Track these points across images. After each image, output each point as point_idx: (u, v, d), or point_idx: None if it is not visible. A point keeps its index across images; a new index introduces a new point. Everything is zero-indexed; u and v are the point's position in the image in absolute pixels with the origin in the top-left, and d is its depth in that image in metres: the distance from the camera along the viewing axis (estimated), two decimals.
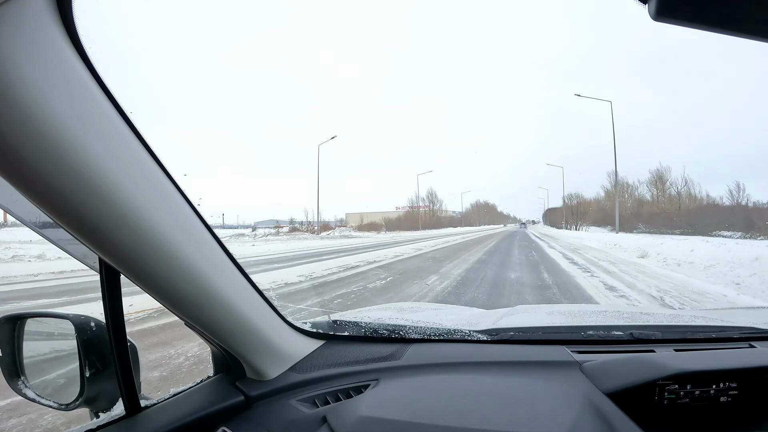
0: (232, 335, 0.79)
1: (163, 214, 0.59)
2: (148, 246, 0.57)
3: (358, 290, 6.72)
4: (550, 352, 1.00)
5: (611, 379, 0.85)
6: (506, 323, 1.21)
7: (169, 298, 0.66)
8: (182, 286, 0.65)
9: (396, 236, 38.27)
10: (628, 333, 1.08)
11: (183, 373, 2.97)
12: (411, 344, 1.05)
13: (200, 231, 0.66)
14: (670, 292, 6.68)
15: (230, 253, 0.73)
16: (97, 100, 0.49)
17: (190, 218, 0.64)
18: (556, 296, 6.29)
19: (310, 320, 1.10)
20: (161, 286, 0.64)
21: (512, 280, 7.83)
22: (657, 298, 6.26)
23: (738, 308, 2.90)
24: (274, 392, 0.87)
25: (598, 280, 8.06)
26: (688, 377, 0.83)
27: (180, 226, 0.62)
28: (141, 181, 0.55)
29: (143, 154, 0.56)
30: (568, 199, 56.37)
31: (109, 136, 0.51)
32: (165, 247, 0.59)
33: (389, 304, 2.89)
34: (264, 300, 0.85)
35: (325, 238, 32.85)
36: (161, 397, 0.81)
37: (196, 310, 0.70)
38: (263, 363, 0.87)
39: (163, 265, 0.61)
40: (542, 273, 8.98)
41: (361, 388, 0.90)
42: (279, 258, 12.76)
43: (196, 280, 0.66)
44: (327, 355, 1.00)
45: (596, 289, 6.89)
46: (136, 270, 0.60)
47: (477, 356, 0.99)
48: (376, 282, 7.60)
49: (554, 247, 18.48)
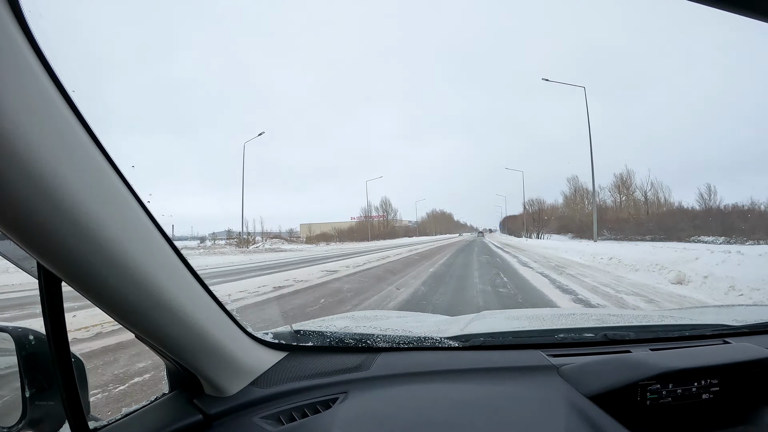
0: (185, 349, 0.73)
1: (109, 213, 0.52)
2: (90, 248, 0.51)
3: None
4: (526, 357, 0.98)
5: (592, 382, 0.84)
6: (475, 329, 1.19)
7: (115, 307, 0.61)
8: (129, 294, 0.59)
9: (338, 248, 32.94)
10: (602, 334, 1.08)
11: (137, 390, 2.70)
12: (379, 353, 1.01)
13: (150, 232, 0.60)
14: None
15: (185, 258, 0.68)
16: (41, 85, 0.45)
17: (139, 218, 0.58)
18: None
19: (272, 330, 1.03)
20: (106, 295, 0.58)
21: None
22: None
23: (709, 307, 2.74)
24: (235, 409, 0.82)
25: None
26: (671, 376, 0.83)
27: (127, 227, 0.56)
28: (84, 172, 0.49)
29: (87, 143, 0.50)
30: (529, 205, 52.63)
31: (49, 115, 0.46)
32: (110, 250, 0.53)
33: (354, 312, 2.73)
34: (222, 309, 0.79)
35: (246, 252, 27.60)
36: (112, 417, 0.75)
37: (145, 321, 0.64)
38: (222, 378, 0.81)
39: (109, 271, 0.54)
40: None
41: (328, 402, 0.85)
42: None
43: (145, 287, 0.60)
44: (291, 368, 0.95)
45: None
46: (78, 276, 0.54)
47: (450, 364, 0.97)
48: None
49: (528, 265, 12.84)
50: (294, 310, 5.81)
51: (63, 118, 0.47)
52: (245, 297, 6.90)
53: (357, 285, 8.42)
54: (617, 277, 9.30)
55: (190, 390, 0.82)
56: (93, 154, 0.51)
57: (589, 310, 4.11)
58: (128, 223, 0.56)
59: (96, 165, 0.51)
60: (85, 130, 0.49)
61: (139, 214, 0.58)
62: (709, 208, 37.75)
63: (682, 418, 0.84)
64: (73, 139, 0.48)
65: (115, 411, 0.75)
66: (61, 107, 0.46)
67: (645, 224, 39.69)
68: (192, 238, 44.00)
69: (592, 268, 11.62)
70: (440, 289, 7.78)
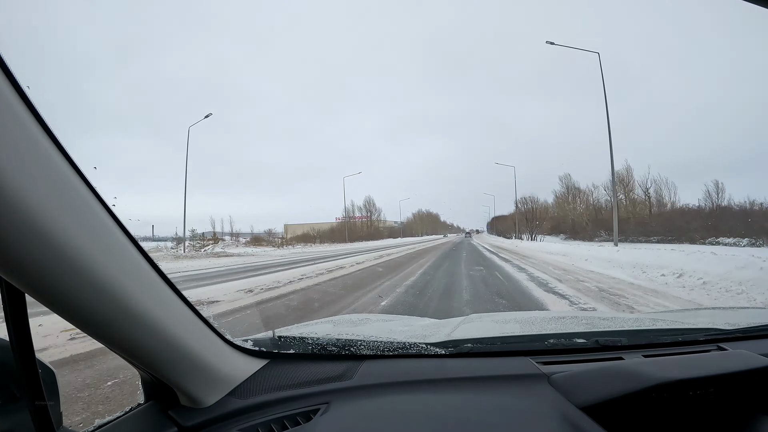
0: (157, 359, 0.69)
1: (69, 218, 0.49)
2: (48, 256, 0.48)
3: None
4: (515, 365, 0.96)
5: (585, 393, 0.81)
6: (463, 334, 1.16)
7: (79, 318, 0.57)
8: (93, 304, 0.55)
9: (305, 252, 27.39)
10: (593, 340, 1.05)
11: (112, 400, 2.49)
12: (363, 361, 0.98)
13: (115, 237, 0.57)
14: None
15: (155, 263, 0.65)
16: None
17: (103, 223, 0.55)
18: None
19: (252, 337, 1.00)
20: (68, 305, 0.54)
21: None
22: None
23: (702, 309, 2.70)
24: (212, 421, 0.79)
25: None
26: (667, 387, 0.79)
27: (90, 233, 0.53)
28: (39, 173, 0.46)
29: (43, 142, 0.47)
30: (521, 203, 47.62)
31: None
32: (71, 258, 0.50)
33: (339, 316, 2.60)
34: (197, 316, 0.76)
35: (179, 258, 21.91)
36: (84, 430, 0.72)
37: (112, 332, 0.61)
38: (197, 388, 0.77)
39: (70, 280, 0.51)
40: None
41: (309, 413, 0.83)
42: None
43: (111, 296, 0.56)
44: (271, 377, 0.91)
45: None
46: (35, 285, 0.50)
47: (437, 372, 0.94)
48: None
49: (555, 289, 7.72)
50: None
51: (15, 115, 0.44)
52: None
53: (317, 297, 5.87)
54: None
55: (165, 400, 0.78)
56: (49, 153, 0.47)
57: (579, 313, 4.05)
58: (90, 229, 0.52)
59: (53, 166, 0.48)
60: (42, 129, 0.46)
61: (103, 219, 0.55)
62: (718, 206, 33.64)
63: (678, 427, 0.82)
64: (26, 137, 0.45)
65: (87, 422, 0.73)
66: (12, 103, 0.44)
67: (648, 225, 35.48)
68: (172, 239, 41.22)
69: (667, 295, 6.70)
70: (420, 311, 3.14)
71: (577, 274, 10.15)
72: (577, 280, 9.04)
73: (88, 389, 2.71)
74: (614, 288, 7.73)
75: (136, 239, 0.60)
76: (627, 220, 37.34)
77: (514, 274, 10.33)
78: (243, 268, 13.71)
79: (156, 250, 29.10)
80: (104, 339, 0.62)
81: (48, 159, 0.47)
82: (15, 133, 0.44)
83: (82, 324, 0.58)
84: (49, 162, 0.47)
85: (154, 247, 31.27)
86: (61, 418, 0.70)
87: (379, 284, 8.45)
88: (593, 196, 44.89)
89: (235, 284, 8.60)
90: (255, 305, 5.97)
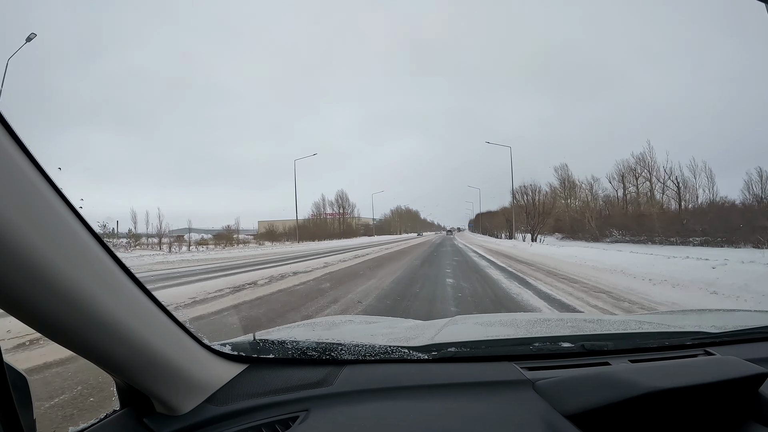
0: (129, 365, 0.66)
1: (29, 220, 0.47)
2: (5, 258, 0.46)
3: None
4: (499, 370, 0.95)
5: (571, 400, 0.80)
6: (447, 336, 1.15)
7: (41, 324, 0.54)
8: (54, 308, 0.52)
9: (255, 254, 20.38)
10: (579, 345, 1.04)
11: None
12: (344, 366, 0.95)
13: (79, 239, 0.55)
14: None
15: (124, 264, 0.62)
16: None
17: (67, 224, 0.53)
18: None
19: (231, 341, 0.97)
20: (27, 310, 0.51)
21: None
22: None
23: (689, 311, 2.37)
24: (188, 429, 0.77)
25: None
26: (656, 395, 0.78)
27: (51, 234, 0.50)
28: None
29: (1, 138, 0.46)
30: (521, 193, 37.91)
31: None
32: (28, 259, 0.47)
33: (322, 318, 2.68)
34: (170, 319, 0.73)
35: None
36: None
37: (78, 338, 0.58)
38: (172, 395, 0.75)
39: (28, 283, 0.48)
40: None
41: (288, 421, 0.80)
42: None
43: (74, 300, 0.53)
44: (250, 382, 0.89)
45: None
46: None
47: (420, 378, 0.92)
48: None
49: None
50: None
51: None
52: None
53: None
54: None
55: (141, 408, 0.76)
56: (8, 150, 0.46)
57: (564, 315, 4.01)
58: (52, 231, 0.50)
59: (11, 164, 0.46)
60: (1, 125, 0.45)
61: (66, 220, 0.52)
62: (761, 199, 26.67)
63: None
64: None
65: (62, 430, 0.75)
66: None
67: (676, 223, 27.34)
68: (148, 236, 39.00)
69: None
70: None
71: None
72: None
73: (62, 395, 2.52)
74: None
75: (102, 239, 0.58)
76: (646, 217, 30.23)
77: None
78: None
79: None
80: (68, 345, 0.59)
81: (4, 154, 0.45)
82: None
83: (43, 330, 0.54)
84: (6, 158, 0.45)
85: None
86: (34, 426, 0.67)
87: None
88: (592, 189, 37.79)
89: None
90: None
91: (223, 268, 12.01)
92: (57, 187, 0.51)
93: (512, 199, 36.29)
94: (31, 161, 0.48)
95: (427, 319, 1.59)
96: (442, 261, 13.86)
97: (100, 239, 0.57)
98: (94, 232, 0.57)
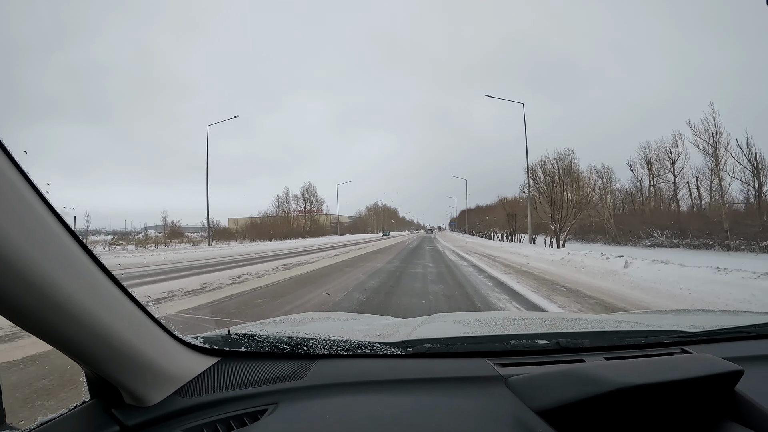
0: (96, 355, 0.66)
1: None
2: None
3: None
4: (472, 366, 0.94)
5: (542, 396, 0.79)
6: (423, 333, 1.14)
7: (6, 307, 0.54)
8: (14, 292, 0.52)
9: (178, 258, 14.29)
10: (554, 342, 1.03)
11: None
12: (316, 361, 0.95)
13: (45, 223, 0.55)
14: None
15: (92, 252, 0.61)
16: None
17: (32, 209, 0.53)
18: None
19: (203, 334, 0.96)
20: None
21: None
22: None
23: (668, 312, 2.20)
24: (156, 421, 0.76)
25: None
26: (628, 391, 0.77)
27: (15, 219, 0.50)
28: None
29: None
30: (540, 170, 24.73)
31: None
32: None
33: (298, 314, 2.10)
34: (140, 310, 0.73)
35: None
36: (26, 427, 0.71)
37: (40, 324, 0.58)
38: (140, 386, 0.75)
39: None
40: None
41: (257, 413, 0.80)
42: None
43: (36, 284, 0.53)
44: (221, 375, 0.89)
45: None
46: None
47: (391, 373, 0.92)
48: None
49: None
50: None
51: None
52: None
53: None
54: None
55: (109, 399, 0.76)
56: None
57: (542, 314, 3.94)
58: (17, 215, 0.50)
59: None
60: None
61: (32, 205, 0.52)
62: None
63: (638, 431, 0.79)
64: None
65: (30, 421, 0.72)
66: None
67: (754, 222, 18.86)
68: (106, 233, 38.82)
69: None
70: None
71: None
72: None
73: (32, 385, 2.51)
74: None
75: (70, 227, 0.57)
76: (717, 211, 20.75)
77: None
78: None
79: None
80: (36, 332, 0.59)
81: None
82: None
83: (13, 316, 0.55)
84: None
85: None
86: (4, 415, 0.71)
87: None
88: (603, 180, 29.18)
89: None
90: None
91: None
92: (26, 174, 0.51)
93: (527, 179, 23.34)
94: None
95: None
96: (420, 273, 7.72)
97: (66, 226, 0.56)
98: (61, 218, 0.56)
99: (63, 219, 0.56)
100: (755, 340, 1.13)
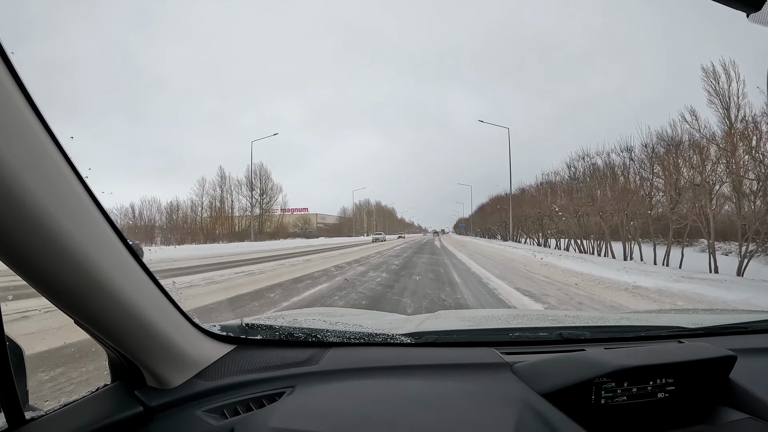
0: (126, 336, 0.70)
1: (42, 184, 0.50)
2: (20, 220, 0.49)
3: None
4: (479, 354, 0.97)
5: (545, 380, 0.83)
6: (429, 326, 1.18)
7: (48, 287, 0.57)
8: (62, 272, 0.55)
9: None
10: (557, 333, 1.08)
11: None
12: (329, 348, 0.99)
13: (88, 208, 0.58)
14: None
15: (126, 240, 0.65)
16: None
17: (76, 192, 0.56)
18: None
19: (220, 323, 0.99)
20: (38, 272, 0.54)
21: None
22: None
23: (666, 311, 2.67)
24: (178, 402, 0.79)
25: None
26: (625, 374, 0.81)
27: (63, 200, 0.53)
28: (15, 138, 0.47)
29: (22, 107, 0.48)
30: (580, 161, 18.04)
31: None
32: (41, 222, 0.50)
33: (308, 309, 2.63)
34: (166, 297, 0.76)
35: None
36: (50, 407, 0.72)
37: (81, 304, 0.61)
38: (164, 369, 0.79)
39: (40, 244, 0.51)
40: None
41: (274, 396, 0.83)
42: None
43: (82, 266, 0.56)
44: (238, 361, 0.92)
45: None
46: (5, 249, 0.51)
47: (401, 360, 0.95)
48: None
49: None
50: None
51: (14, 107, 0.46)
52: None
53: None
54: None
55: (132, 381, 0.79)
56: (27, 119, 0.48)
57: (545, 311, 4.14)
58: (64, 197, 0.53)
59: (29, 131, 0.49)
60: (23, 94, 0.47)
61: (77, 193, 0.55)
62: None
63: (638, 417, 0.82)
64: (6, 103, 0.46)
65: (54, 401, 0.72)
66: (12, 96, 0.46)
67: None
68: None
69: None
70: None
71: None
72: None
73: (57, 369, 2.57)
74: None
75: (109, 215, 0.60)
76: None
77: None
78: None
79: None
80: (75, 312, 0.62)
81: (26, 125, 0.48)
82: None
83: (53, 296, 0.58)
84: (27, 127, 0.48)
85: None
86: (27, 396, 0.70)
87: None
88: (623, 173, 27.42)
89: None
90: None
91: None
92: (67, 154, 0.53)
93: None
94: (46, 129, 0.50)
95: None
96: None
97: (105, 212, 0.59)
98: (99, 203, 0.58)
99: (101, 204, 0.59)
100: (750, 334, 1.16)
